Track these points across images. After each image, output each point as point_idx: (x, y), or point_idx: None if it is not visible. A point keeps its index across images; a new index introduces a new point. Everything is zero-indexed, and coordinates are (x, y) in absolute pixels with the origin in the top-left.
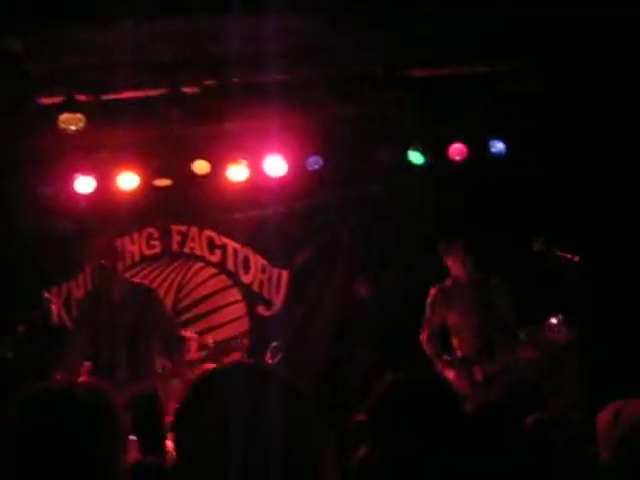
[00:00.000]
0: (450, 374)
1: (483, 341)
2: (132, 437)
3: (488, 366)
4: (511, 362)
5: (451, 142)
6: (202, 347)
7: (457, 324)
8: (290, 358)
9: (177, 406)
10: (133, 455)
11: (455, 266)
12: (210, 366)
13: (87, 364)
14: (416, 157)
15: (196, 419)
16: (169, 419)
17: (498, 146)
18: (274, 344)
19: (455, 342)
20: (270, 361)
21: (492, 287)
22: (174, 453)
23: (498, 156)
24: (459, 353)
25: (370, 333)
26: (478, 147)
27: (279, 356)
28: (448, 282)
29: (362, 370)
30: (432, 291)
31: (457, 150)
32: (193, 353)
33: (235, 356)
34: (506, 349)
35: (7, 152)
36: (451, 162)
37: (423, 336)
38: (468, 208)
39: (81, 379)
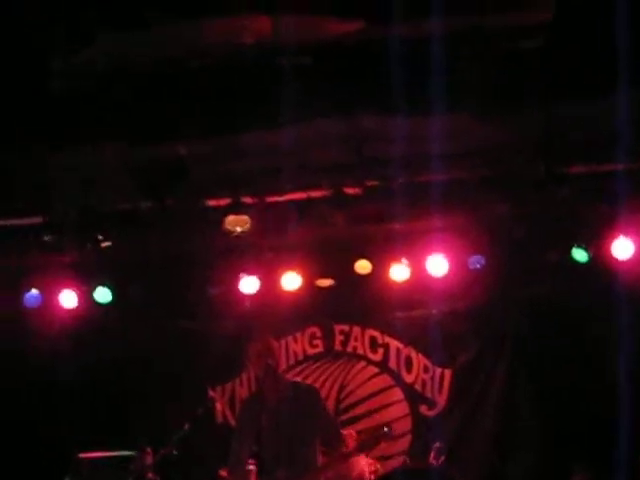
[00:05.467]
0: None
1: None
2: None
3: None
4: None
5: (616, 238)
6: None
7: None
8: (453, 459)
9: None
10: None
11: None
12: (361, 456)
13: (252, 464)
14: (580, 255)
15: None
16: None
17: None
18: (437, 444)
19: None
20: (434, 462)
21: None
22: None
23: None
24: None
25: (533, 436)
26: None
27: (442, 457)
28: None
29: (526, 472)
30: None
31: (622, 247)
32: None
33: (385, 444)
34: None
35: (176, 254)
36: (615, 259)
37: None
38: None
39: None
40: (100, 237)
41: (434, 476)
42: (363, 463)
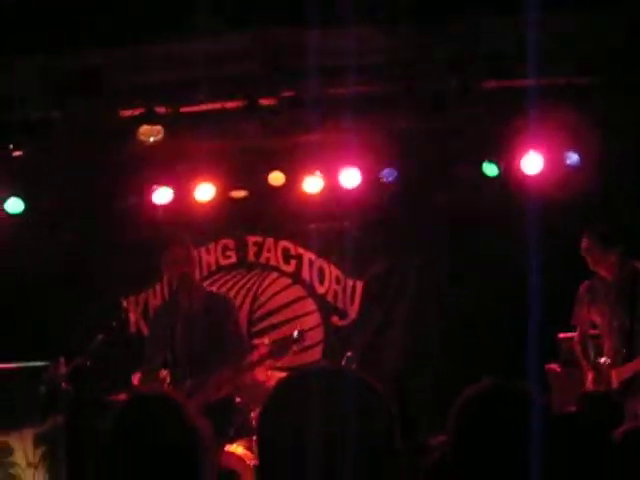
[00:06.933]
0: (589, 376)
1: (625, 345)
2: None
3: (619, 372)
4: None
5: (525, 153)
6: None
7: (600, 325)
8: (364, 368)
9: (259, 412)
10: None
11: (591, 261)
12: (270, 364)
13: (163, 371)
14: (491, 169)
15: (276, 424)
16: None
17: (573, 158)
18: (348, 354)
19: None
20: None
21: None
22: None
23: (573, 167)
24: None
25: (443, 345)
26: (553, 159)
27: (353, 366)
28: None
29: (434, 383)
30: (582, 286)
31: (532, 162)
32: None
33: (297, 355)
34: None
35: (88, 163)
36: (525, 174)
37: (576, 334)
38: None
39: (157, 387)
40: (11, 147)
41: (347, 376)
42: (268, 373)
